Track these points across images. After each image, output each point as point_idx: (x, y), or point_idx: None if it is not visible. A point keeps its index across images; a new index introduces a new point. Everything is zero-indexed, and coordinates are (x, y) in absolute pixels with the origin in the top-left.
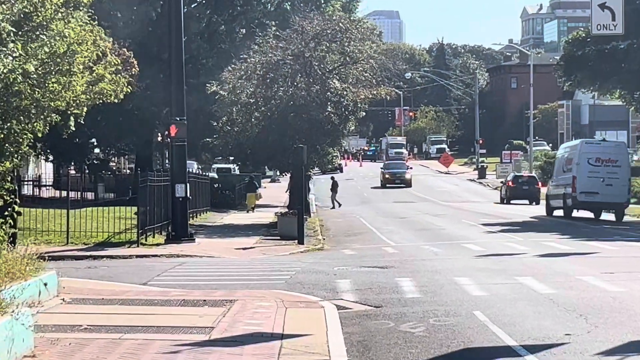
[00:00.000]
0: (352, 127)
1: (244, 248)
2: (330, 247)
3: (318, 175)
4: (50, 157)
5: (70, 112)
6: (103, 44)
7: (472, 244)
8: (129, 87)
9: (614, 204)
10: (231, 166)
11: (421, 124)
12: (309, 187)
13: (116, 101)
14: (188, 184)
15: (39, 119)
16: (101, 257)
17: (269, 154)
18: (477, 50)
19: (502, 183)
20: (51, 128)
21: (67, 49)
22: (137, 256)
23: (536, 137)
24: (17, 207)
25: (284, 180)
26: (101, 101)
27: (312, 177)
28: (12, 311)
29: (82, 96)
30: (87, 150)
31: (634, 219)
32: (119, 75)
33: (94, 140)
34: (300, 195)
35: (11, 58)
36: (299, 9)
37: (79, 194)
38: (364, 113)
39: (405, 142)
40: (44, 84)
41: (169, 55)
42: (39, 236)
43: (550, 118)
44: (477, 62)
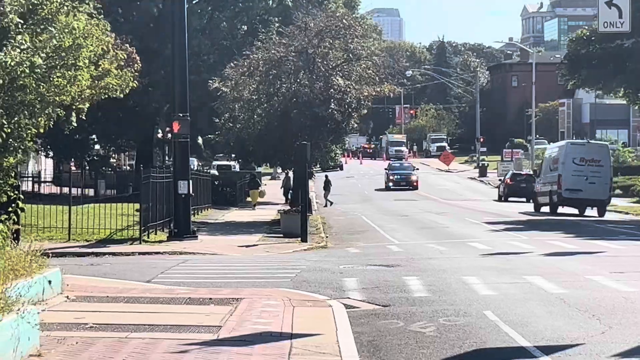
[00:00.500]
0: (355, 125)
1: (247, 246)
2: (333, 245)
3: (319, 173)
4: (51, 153)
5: (75, 107)
6: (106, 39)
7: (477, 243)
8: (135, 82)
9: (596, 200)
10: (232, 163)
11: (421, 122)
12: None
13: (121, 96)
14: (190, 181)
15: (43, 113)
16: (103, 254)
17: (272, 151)
18: (478, 49)
19: (501, 181)
20: (47, 124)
21: (72, 43)
22: (140, 253)
23: (537, 135)
24: (20, 203)
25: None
26: (106, 96)
27: (314, 175)
28: (18, 309)
29: (87, 91)
30: (87, 146)
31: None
32: (125, 69)
33: (94, 136)
34: (304, 192)
35: (19, 50)
36: (301, 5)
37: (79, 191)
38: (366, 110)
39: (405, 140)
40: (49, 78)
41: (172, 51)
42: (40, 233)
43: (551, 116)
44: (477, 60)
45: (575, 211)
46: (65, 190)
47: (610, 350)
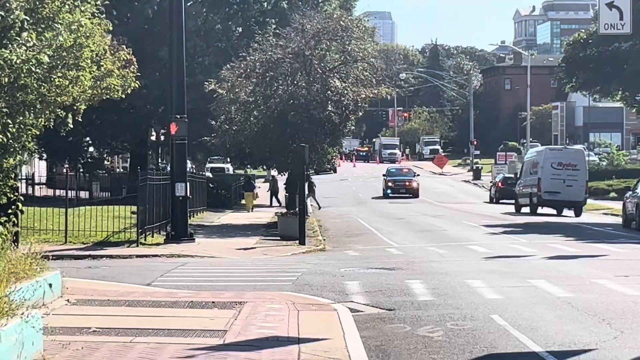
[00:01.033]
0: (352, 127)
1: (245, 248)
2: (331, 247)
3: (313, 176)
4: (44, 155)
5: (77, 108)
6: (103, 40)
7: (477, 246)
8: (137, 82)
9: (573, 202)
10: (225, 165)
11: (414, 124)
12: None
13: (123, 96)
14: (188, 183)
15: (44, 114)
16: (101, 256)
17: (268, 153)
18: (470, 52)
19: (492, 184)
20: (46, 125)
21: (74, 42)
22: (138, 256)
23: (530, 138)
24: (20, 205)
25: (279, 180)
26: (108, 97)
27: (311, 177)
28: (22, 313)
29: (89, 91)
30: (81, 148)
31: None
32: (127, 70)
33: (88, 138)
34: (301, 194)
35: (25, 48)
36: (297, 7)
37: (73, 193)
38: (362, 113)
39: (398, 143)
40: (49, 79)
41: (170, 52)
42: (36, 235)
43: (544, 120)
44: (471, 63)
45: (554, 212)
46: (59, 192)
47: (624, 356)
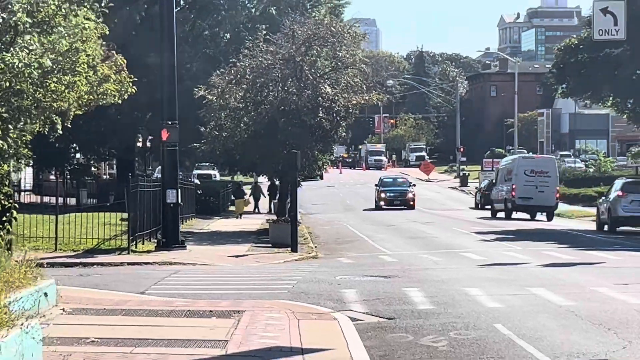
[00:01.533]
0: (343, 133)
1: (237, 256)
2: (324, 255)
3: (302, 182)
4: (31, 162)
5: (73, 114)
6: (97, 45)
7: (471, 253)
8: (134, 87)
9: (545, 206)
10: (212, 172)
11: (400, 131)
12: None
13: (119, 102)
14: (179, 190)
15: (39, 120)
16: (92, 264)
17: (259, 160)
18: (455, 59)
19: (477, 190)
20: (38, 131)
21: (70, 47)
22: (129, 263)
23: (518, 146)
24: (15, 212)
25: (264, 187)
26: (104, 102)
27: (301, 184)
28: (21, 324)
29: (85, 97)
30: (68, 155)
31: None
32: (124, 74)
33: (74, 144)
34: (293, 201)
35: (27, 51)
36: (286, 13)
37: (61, 200)
38: (353, 119)
39: (384, 150)
40: (46, 84)
41: (161, 58)
42: (26, 242)
43: (530, 126)
44: (456, 70)
45: (528, 216)
46: (46, 199)
47: None
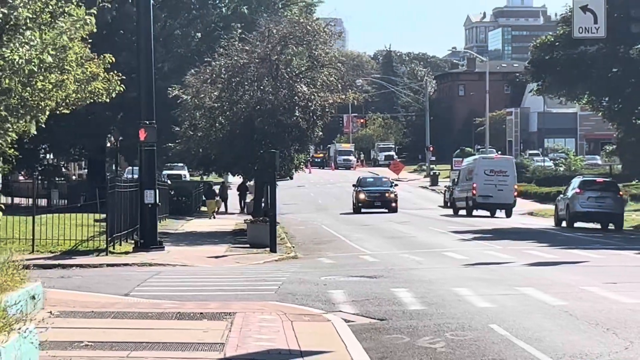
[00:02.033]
0: (320, 133)
1: (216, 256)
2: (303, 255)
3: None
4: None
5: (60, 112)
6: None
7: (452, 252)
8: (122, 86)
9: (504, 204)
10: (182, 172)
11: (369, 131)
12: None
13: (107, 100)
14: (157, 190)
15: (25, 119)
16: (70, 266)
17: (234, 160)
18: (422, 58)
19: (446, 188)
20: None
21: (56, 44)
22: (108, 265)
23: (484, 144)
24: (1, 213)
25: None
26: (92, 100)
27: (277, 184)
28: (19, 328)
29: (74, 95)
30: (38, 155)
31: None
32: (111, 73)
33: (44, 145)
34: (272, 201)
35: (27, 47)
36: (257, 12)
37: (31, 201)
38: (330, 118)
39: (353, 149)
40: (32, 82)
41: (138, 58)
42: (2, 244)
43: (499, 125)
44: (425, 69)
45: (488, 213)
46: (17, 200)
47: None
